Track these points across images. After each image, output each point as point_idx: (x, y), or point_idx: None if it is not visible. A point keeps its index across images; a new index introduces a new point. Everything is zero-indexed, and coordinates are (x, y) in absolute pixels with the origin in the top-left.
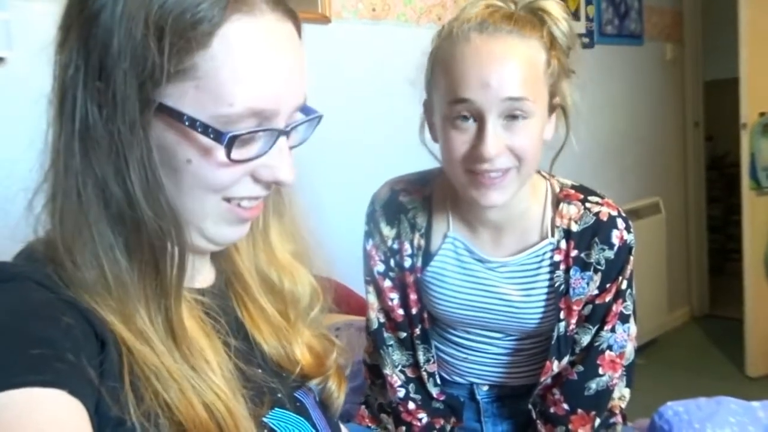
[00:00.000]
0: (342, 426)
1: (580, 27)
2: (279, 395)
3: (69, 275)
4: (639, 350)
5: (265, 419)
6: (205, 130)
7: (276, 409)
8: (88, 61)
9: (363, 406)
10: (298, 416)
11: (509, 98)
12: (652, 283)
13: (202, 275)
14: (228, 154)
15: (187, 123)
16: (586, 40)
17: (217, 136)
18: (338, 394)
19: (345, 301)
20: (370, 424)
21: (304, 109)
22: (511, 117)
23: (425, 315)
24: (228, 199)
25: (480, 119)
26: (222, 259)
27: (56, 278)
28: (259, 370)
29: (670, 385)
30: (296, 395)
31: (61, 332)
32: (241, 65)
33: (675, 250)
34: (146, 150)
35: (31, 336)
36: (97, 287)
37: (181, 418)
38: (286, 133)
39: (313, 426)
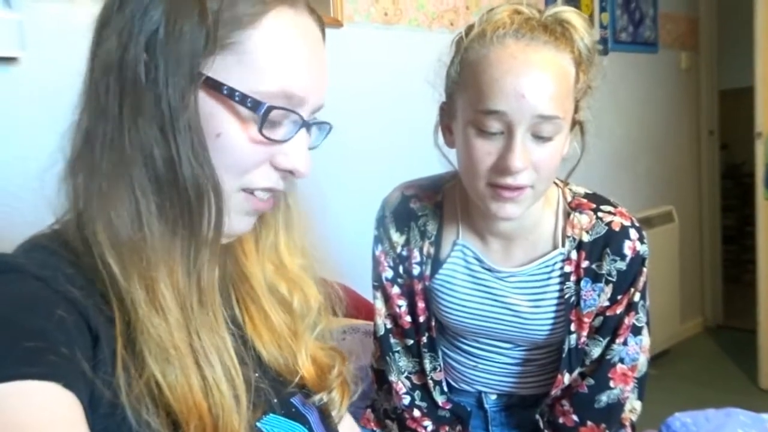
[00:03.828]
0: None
1: (595, 34)
2: (274, 400)
3: (95, 238)
4: (650, 361)
5: (258, 424)
6: (243, 99)
7: (270, 414)
8: (141, 30)
9: (369, 410)
10: (293, 422)
11: (541, 116)
12: (665, 292)
13: None
14: (261, 126)
15: (226, 92)
16: (600, 47)
17: (255, 105)
18: (340, 406)
19: (353, 305)
20: (375, 429)
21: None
22: (539, 134)
23: (433, 323)
24: (245, 190)
25: (509, 131)
26: (230, 262)
27: (56, 264)
28: (255, 374)
29: (681, 396)
30: (292, 401)
31: (55, 325)
32: (283, 48)
33: (688, 259)
34: (194, 117)
35: (25, 329)
36: (131, 247)
37: (173, 401)
38: (308, 125)
39: (310, 431)
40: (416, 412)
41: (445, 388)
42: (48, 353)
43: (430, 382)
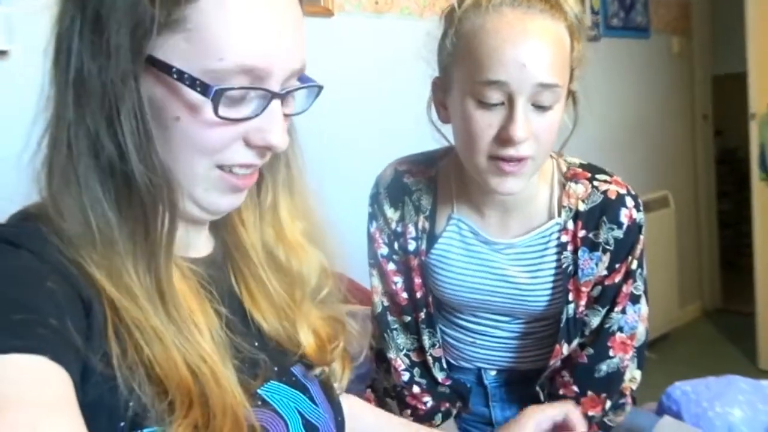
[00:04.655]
0: (347, 397)
1: (586, 19)
2: (275, 368)
3: (56, 229)
4: (650, 345)
5: (259, 391)
6: (193, 83)
7: (271, 382)
8: (85, 12)
9: (369, 390)
10: (294, 390)
11: (542, 84)
12: (663, 277)
13: (197, 246)
14: (215, 110)
15: (175, 76)
16: (592, 33)
17: (204, 89)
18: (341, 376)
19: (350, 292)
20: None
21: (302, 78)
22: (540, 103)
23: (430, 299)
24: (220, 167)
25: (510, 101)
26: (225, 231)
27: (46, 236)
28: (256, 343)
29: (682, 379)
30: (292, 370)
31: (44, 297)
32: (233, 19)
33: (685, 243)
34: (137, 102)
35: (12, 301)
36: (82, 241)
37: (162, 375)
38: (280, 96)
39: (311, 400)
40: (416, 389)
41: (445, 365)
42: (36, 326)
43: (430, 358)
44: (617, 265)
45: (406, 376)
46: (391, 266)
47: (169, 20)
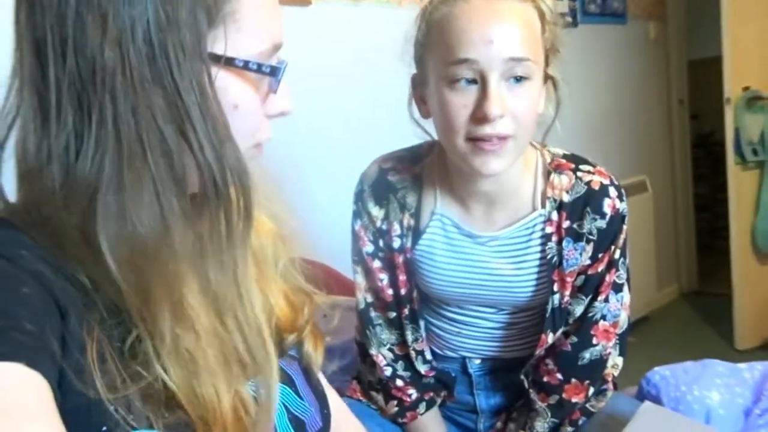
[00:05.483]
0: (330, 391)
1: (563, 6)
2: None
3: (103, 242)
4: (629, 328)
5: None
6: (259, 68)
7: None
8: (134, 25)
9: (355, 381)
10: (280, 383)
11: (512, 58)
12: (641, 260)
13: None
14: (275, 90)
15: (240, 65)
16: (569, 19)
17: (274, 72)
18: (316, 354)
19: (333, 283)
20: (361, 399)
21: None
22: (513, 78)
23: (414, 295)
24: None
25: (482, 79)
26: None
27: (29, 242)
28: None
29: (661, 361)
30: (279, 364)
31: (20, 302)
32: (264, 4)
33: (663, 227)
34: (211, 101)
35: None
36: (151, 255)
37: (188, 406)
38: (286, 65)
39: (297, 393)
40: (399, 382)
41: (428, 357)
42: (11, 331)
43: (412, 352)
44: (600, 255)
45: (388, 371)
46: (376, 263)
47: (223, 14)
